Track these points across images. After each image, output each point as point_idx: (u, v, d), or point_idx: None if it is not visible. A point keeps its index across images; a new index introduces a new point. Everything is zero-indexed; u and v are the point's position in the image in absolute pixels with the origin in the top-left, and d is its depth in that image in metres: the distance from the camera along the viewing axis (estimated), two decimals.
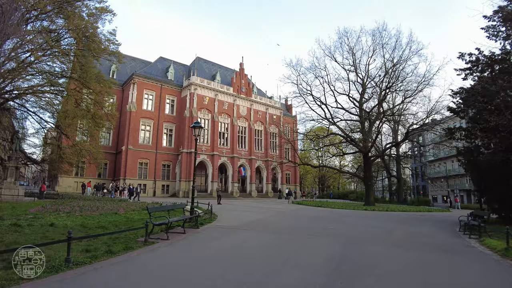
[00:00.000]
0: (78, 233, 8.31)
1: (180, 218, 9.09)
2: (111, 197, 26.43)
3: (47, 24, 21.15)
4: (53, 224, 9.04)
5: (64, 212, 11.91)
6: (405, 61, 31.03)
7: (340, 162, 66.71)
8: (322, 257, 6.57)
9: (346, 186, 74.78)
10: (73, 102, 21.37)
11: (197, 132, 12.04)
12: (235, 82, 45.34)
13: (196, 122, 12.05)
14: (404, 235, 11.24)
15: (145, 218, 12.00)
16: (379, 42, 34.54)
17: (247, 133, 45.59)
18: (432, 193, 55.01)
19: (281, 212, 18.29)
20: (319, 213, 19.28)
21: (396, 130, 44.41)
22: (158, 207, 9.42)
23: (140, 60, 46.90)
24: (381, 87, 32.82)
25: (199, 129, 12.02)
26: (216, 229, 9.96)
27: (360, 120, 34.19)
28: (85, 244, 6.79)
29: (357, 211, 23.58)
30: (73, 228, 8.95)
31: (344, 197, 55.40)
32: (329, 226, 12.24)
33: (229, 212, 16.62)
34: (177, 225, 9.20)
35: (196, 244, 7.38)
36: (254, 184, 44.81)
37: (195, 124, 11.97)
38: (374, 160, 36.41)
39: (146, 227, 7.20)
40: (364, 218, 17.63)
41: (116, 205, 16.04)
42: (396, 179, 48.44)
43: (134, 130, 37.20)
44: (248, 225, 11.49)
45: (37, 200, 17.58)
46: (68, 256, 5.08)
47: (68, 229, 9.02)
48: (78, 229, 8.91)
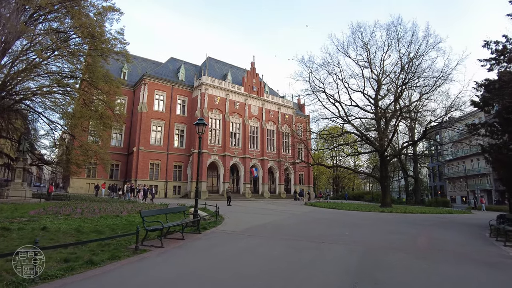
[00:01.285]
0: (69, 238, 7.69)
1: (178, 222, 8.30)
2: (125, 198, 25.87)
3: (56, 26, 21.08)
4: (45, 228, 8.46)
5: (63, 215, 11.41)
6: (422, 56, 29.53)
7: (355, 162, 64.81)
8: (337, 272, 5.59)
9: (361, 187, 72.76)
10: (81, 102, 21.17)
11: (201, 129, 11.27)
12: (246, 82, 44.61)
13: (200, 119, 11.28)
14: (429, 242, 10.05)
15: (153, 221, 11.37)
16: (394, 36, 33.13)
17: (259, 133, 44.73)
18: (450, 194, 52.77)
19: (292, 215, 17.29)
20: (333, 216, 18.15)
21: (412, 128, 42.71)
22: (155, 210, 8.69)
23: (151, 61, 46.96)
24: (397, 84, 31.39)
25: (202, 126, 11.23)
26: (219, 235, 9.11)
27: (375, 118, 32.84)
28: (68, 252, 6.10)
29: (373, 213, 22.31)
30: (66, 233, 8.36)
31: (359, 198, 53.90)
32: (345, 231, 11.17)
33: (237, 215, 15.78)
34: (177, 230, 8.43)
35: (192, 254, 6.55)
36: (266, 185, 43.86)
37: (199, 121, 11.21)
38: (390, 159, 34.85)
39: (137, 234, 6.44)
40: (382, 221, 16.41)
41: (121, 207, 15.52)
42: (413, 179, 46.66)
43: (145, 131, 37.05)
44: (255, 229, 10.60)
45: (44, 201, 17.35)
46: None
47: (61, 233, 8.56)
48: (71, 233, 8.29)
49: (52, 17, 20.51)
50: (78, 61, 21.49)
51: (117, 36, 21.99)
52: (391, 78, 31.96)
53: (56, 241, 7.20)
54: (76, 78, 21.98)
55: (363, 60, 33.22)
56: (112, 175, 37.77)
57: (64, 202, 16.06)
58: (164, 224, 7.06)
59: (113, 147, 38.13)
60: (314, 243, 8.20)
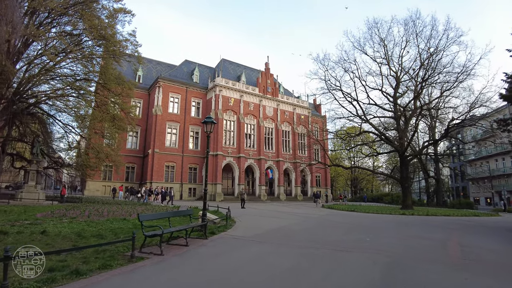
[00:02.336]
0: (67, 243, 7.22)
1: (182, 227, 7.67)
2: (144, 201, 25.59)
3: (70, 29, 21.27)
4: (44, 232, 8.07)
5: (69, 218, 11.11)
6: (442, 51, 28.10)
7: (373, 163, 62.67)
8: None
9: (380, 189, 70.41)
10: (94, 105, 21.20)
11: (209, 128, 10.65)
12: (260, 82, 43.98)
13: (208, 117, 10.67)
14: (461, 249, 8.91)
15: (154, 225, 10.86)
16: (412, 31, 31.71)
17: (274, 134, 43.91)
18: (473, 195, 50.15)
19: (308, 218, 16.35)
20: (352, 219, 17.04)
21: (433, 127, 40.82)
22: (156, 214, 8.09)
23: (166, 64, 47.30)
24: (416, 80, 29.87)
25: (211, 124, 10.62)
26: (227, 240, 8.41)
27: (394, 116, 31.46)
28: (58, 259, 5.58)
29: (394, 216, 21.03)
30: (65, 237, 7.92)
31: (378, 200, 52.44)
32: (365, 237, 10.16)
33: (249, 218, 15.05)
34: (181, 236, 7.81)
35: (191, 264, 5.86)
36: (282, 187, 42.90)
37: (207, 120, 10.59)
38: (410, 160, 33.19)
39: (132, 240, 5.85)
40: (405, 225, 15.19)
41: (132, 210, 15.19)
42: (434, 180, 44.62)
43: (161, 133, 37.12)
44: (267, 235, 9.81)
45: (57, 204, 17.36)
46: (5, 282, 3.80)
47: (60, 238, 8.15)
48: (71, 238, 7.85)
49: (66, 21, 20.71)
50: (91, 64, 21.58)
51: (129, 37, 21.97)
52: (410, 74, 30.53)
53: (52, 246, 6.76)
54: (90, 81, 22.10)
55: (380, 57, 32.02)
56: (128, 178, 38.08)
57: (75, 205, 15.96)
58: (164, 230, 6.43)
59: (128, 149, 38.52)
60: (331, 251, 7.32)
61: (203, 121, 10.69)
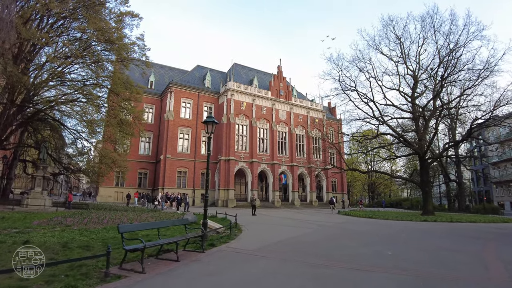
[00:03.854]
0: (48, 255, 6.41)
1: (172, 239, 6.71)
2: (161, 208, 24.42)
3: (79, 35, 21.18)
4: (27, 242, 7.35)
5: (64, 225, 10.45)
6: (462, 47, 26.35)
7: (391, 167, 60.15)
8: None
9: (398, 193, 67.63)
10: (102, 109, 20.92)
11: (210, 128, 9.78)
12: (273, 86, 43.07)
13: (209, 117, 9.80)
14: (504, 266, 7.47)
15: (151, 235, 10.02)
16: (430, 27, 30.28)
17: (287, 138, 42.73)
18: (497, 199, 47.15)
19: (322, 227, 15.06)
20: (370, 227, 15.58)
21: (453, 129, 38.56)
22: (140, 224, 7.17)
23: (178, 69, 47.34)
24: (435, 78, 28.13)
25: (212, 125, 9.74)
26: (226, 254, 7.37)
27: (413, 117, 29.84)
28: (19, 278, 4.76)
29: (416, 222, 19.45)
30: (48, 248, 7.15)
31: (397, 205, 50.46)
32: (386, 249, 8.85)
33: (258, 226, 13.96)
34: (171, 249, 6.87)
35: (176, 286, 4.89)
36: (296, 192, 41.47)
37: (207, 119, 9.73)
38: (431, 162, 31.26)
39: (107, 255, 4.95)
40: (429, 234, 13.66)
41: (136, 216, 14.47)
42: (455, 183, 42.21)
43: (173, 138, 36.80)
44: (273, 247, 8.70)
45: (63, 210, 16.95)
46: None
47: (43, 249, 7.36)
48: (54, 249, 7.08)
49: (75, 26, 20.63)
50: (101, 69, 21.37)
51: (137, 41, 21.68)
52: (429, 72, 28.88)
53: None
54: (98, 86, 21.87)
55: (396, 55, 30.64)
56: (141, 184, 37.89)
57: (78, 211, 15.45)
58: (147, 243, 5.51)
59: (141, 155, 38.43)
60: (346, 271, 6.15)
61: (203, 121, 9.83)
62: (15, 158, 23.05)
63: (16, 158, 23.05)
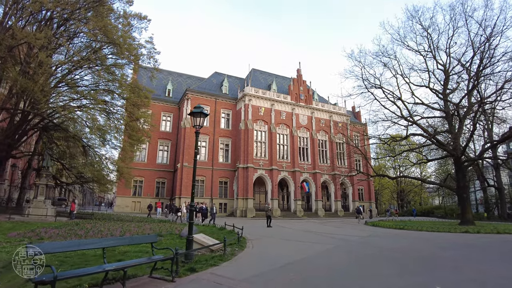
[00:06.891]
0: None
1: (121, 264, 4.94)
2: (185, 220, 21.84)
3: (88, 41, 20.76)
4: None
5: (38, 238, 9.12)
6: (499, 34, 23.12)
7: (421, 173, 55.28)
8: None
9: (429, 201, 62.22)
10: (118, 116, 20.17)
11: (198, 121, 8.08)
12: (292, 90, 41.16)
13: (197, 107, 8.12)
14: None
15: (144, 250, 8.40)
16: (461, 15, 27.00)
17: (309, 144, 40.32)
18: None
19: (345, 242, 12.65)
20: (404, 243, 12.86)
21: (489, 129, 34.31)
22: (75, 242, 5.34)
23: (196, 77, 46.97)
24: (470, 71, 24.77)
25: (200, 116, 8.03)
26: (202, 287, 5.44)
27: (446, 116, 26.52)
28: None
29: (456, 234, 16.57)
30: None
31: (428, 214, 46.39)
32: (433, 282, 6.33)
33: (267, 242, 11.90)
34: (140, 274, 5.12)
35: None
36: (320, 201, 38.67)
37: (195, 110, 8.04)
38: (468, 165, 27.54)
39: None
40: (481, 251, 10.77)
41: (141, 228, 13.03)
42: (493, 189, 37.74)
43: (190, 146, 35.78)
44: (273, 275, 6.52)
45: (66, 220, 15.99)
46: None
47: None
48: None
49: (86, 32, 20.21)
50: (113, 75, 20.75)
51: (147, 45, 20.90)
52: (463, 64, 25.57)
53: None
54: (113, 93, 21.25)
55: (424, 49, 27.56)
56: (159, 193, 37.17)
57: (76, 222, 14.33)
58: (59, 273, 3.80)
59: (159, 164, 37.86)
60: None
61: (189, 113, 8.15)
62: (29, 167, 22.82)
63: (30, 167, 22.82)
